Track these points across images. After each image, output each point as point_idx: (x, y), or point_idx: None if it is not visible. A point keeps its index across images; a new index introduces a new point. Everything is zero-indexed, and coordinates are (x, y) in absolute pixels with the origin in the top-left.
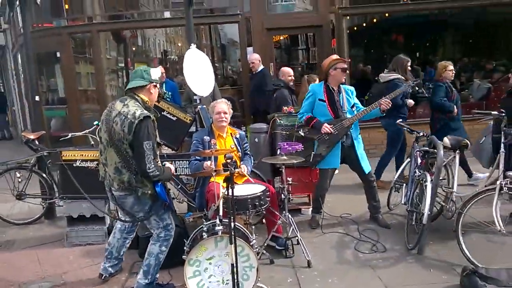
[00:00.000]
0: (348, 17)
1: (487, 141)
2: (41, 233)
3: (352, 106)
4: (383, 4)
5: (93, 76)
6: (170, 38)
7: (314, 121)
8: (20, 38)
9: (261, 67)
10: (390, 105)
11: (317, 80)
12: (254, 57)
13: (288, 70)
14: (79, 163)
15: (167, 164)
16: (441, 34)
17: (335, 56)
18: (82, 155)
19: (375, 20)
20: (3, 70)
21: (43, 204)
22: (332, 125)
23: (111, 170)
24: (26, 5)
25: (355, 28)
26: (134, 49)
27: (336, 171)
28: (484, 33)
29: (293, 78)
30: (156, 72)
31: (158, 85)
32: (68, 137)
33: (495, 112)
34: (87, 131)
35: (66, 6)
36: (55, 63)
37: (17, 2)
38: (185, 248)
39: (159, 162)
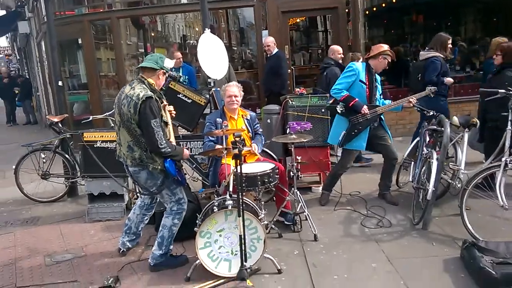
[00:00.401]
0: None
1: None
2: (64, 210)
3: (381, 94)
4: None
5: (114, 61)
6: (189, 23)
7: (355, 101)
8: (43, 26)
9: (276, 50)
10: (411, 105)
11: (361, 58)
12: (269, 40)
13: (337, 48)
14: (100, 144)
15: (184, 149)
16: (462, 12)
17: (386, 47)
18: (102, 136)
19: (394, 1)
20: (28, 58)
21: (66, 183)
22: (369, 109)
23: (125, 149)
24: None
25: (374, 9)
26: (153, 34)
27: None
28: (507, 11)
29: (343, 55)
30: (170, 62)
31: (166, 74)
32: (89, 119)
33: (503, 90)
34: (107, 113)
35: None
36: (77, 49)
37: None
38: (197, 221)
39: (172, 140)
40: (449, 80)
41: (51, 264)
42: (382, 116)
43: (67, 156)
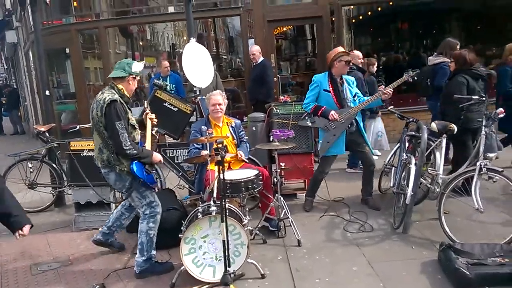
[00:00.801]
0: (348, 7)
1: None
2: (51, 219)
3: (354, 96)
4: None
5: (101, 71)
6: (178, 31)
7: (323, 109)
8: (31, 35)
9: (261, 58)
10: (391, 95)
11: (376, 63)
12: (254, 49)
13: (357, 53)
14: (86, 153)
15: (155, 153)
16: (447, 20)
17: (340, 49)
18: (89, 145)
19: (379, 9)
20: (16, 67)
21: (53, 192)
22: (338, 114)
23: (96, 151)
24: (36, 4)
25: (361, 17)
26: (142, 43)
27: None
28: (489, 19)
29: (363, 60)
30: (138, 66)
31: (137, 77)
32: (76, 129)
33: (476, 97)
34: None
35: (75, 4)
36: (64, 59)
37: (28, 1)
38: (182, 228)
39: (147, 146)
40: None
41: (37, 273)
42: (360, 122)
43: (54, 165)
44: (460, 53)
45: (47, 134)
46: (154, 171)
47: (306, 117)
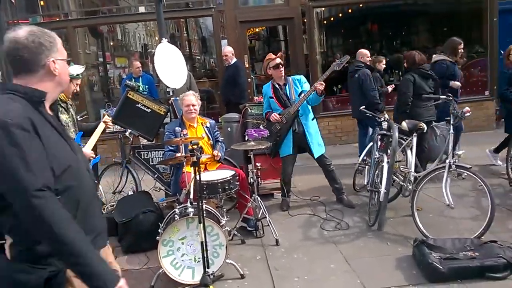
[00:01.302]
0: (319, 9)
1: None
2: None
3: (300, 94)
4: None
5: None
6: (150, 31)
7: (267, 114)
8: None
9: (234, 59)
10: (323, 86)
11: (383, 61)
12: (227, 50)
13: (365, 52)
14: None
15: (84, 148)
16: (415, 22)
17: (267, 56)
18: None
19: (350, 11)
20: None
21: None
22: (281, 115)
23: None
24: (1, 3)
25: (332, 19)
26: (112, 43)
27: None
28: (455, 20)
29: (371, 59)
30: (75, 69)
31: (76, 80)
32: None
33: (443, 96)
34: None
35: (42, 3)
36: None
37: None
38: (159, 230)
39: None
40: (454, 83)
41: None
42: (306, 124)
43: None
44: (410, 53)
45: None
46: None
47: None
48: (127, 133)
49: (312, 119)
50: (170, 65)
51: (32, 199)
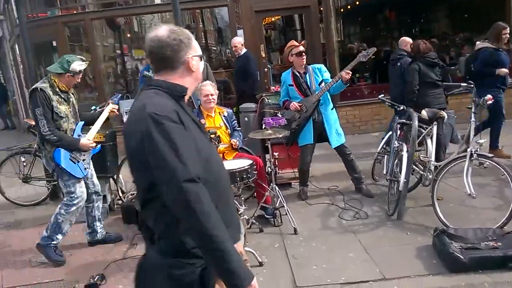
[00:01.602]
0: None
1: None
2: (48, 213)
3: (320, 83)
4: None
5: (90, 64)
6: (166, 23)
7: (287, 102)
8: (16, 29)
9: (244, 50)
10: (350, 75)
11: (410, 42)
12: (236, 41)
13: (408, 40)
14: None
15: (85, 138)
16: (435, 9)
17: (290, 43)
18: None
19: None
20: (2, 61)
21: (48, 186)
22: (301, 104)
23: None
24: None
25: (349, 7)
26: (129, 35)
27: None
28: (476, 7)
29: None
30: (78, 65)
31: (78, 75)
32: None
33: (464, 84)
34: None
35: None
36: (52, 52)
37: None
38: None
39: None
40: (502, 70)
41: (36, 265)
42: (325, 113)
43: None
44: (415, 42)
45: None
46: (84, 161)
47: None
48: None
49: (332, 109)
50: None
51: (185, 190)
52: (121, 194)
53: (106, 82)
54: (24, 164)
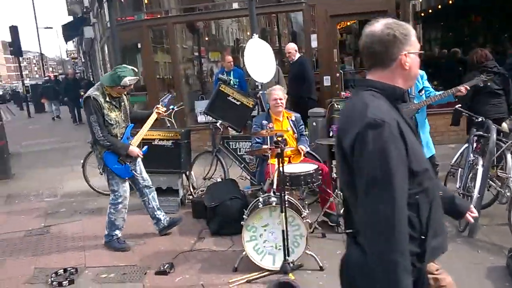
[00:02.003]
0: (416, 1)
1: None
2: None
3: (420, 90)
4: None
5: (170, 65)
6: (243, 26)
7: None
8: (107, 31)
9: (298, 55)
10: (464, 93)
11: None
12: (290, 47)
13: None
14: (157, 142)
15: (134, 146)
16: None
17: None
18: (160, 135)
19: (450, 2)
20: (92, 61)
21: None
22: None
23: None
24: (112, 1)
25: (430, 11)
26: (207, 38)
27: None
28: None
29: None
30: (128, 80)
31: (126, 87)
32: None
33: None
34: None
35: (146, 1)
36: (136, 53)
37: None
38: (244, 216)
39: (134, 142)
40: None
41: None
42: (421, 121)
43: None
44: (473, 52)
45: None
46: (131, 164)
47: None
48: (218, 124)
49: (425, 118)
50: (259, 60)
51: (379, 210)
52: (192, 190)
53: (184, 83)
54: None
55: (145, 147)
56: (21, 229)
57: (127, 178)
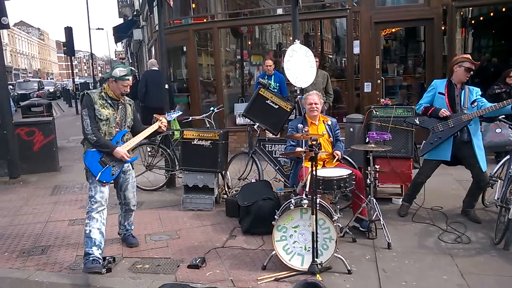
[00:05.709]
0: (465, 8)
1: None
2: (163, 198)
3: (473, 102)
4: None
5: (213, 67)
6: (286, 31)
7: (432, 109)
8: (154, 34)
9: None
10: None
11: None
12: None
13: None
14: (196, 141)
15: (121, 146)
16: None
17: (466, 55)
18: (199, 135)
19: (504, 9)
20: (139, 62)
21: (166, 175)
22: (450, 118)
23: None
24: (162, 5)
25: (481, 18)
26: (250, 42)
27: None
28: None
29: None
30: (119, 70)
31: (120, 81)
32: (189, 120)
33: None
34: (204, 115)
35: (193, 5)
36: (180, 56)
37: (155, 3)
38: (275, 216)
39: (126, 146)
40: None
41: (150, 242)
42: (475, 135)
43: (168, 151)
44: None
45: None
46: (114, 167)
47: (416, 117)
48: (255, 126)
49: (478, 128)
50: (299, 65)
51: None
52: (226, 189)
53: (225, 85)
54: (149, 154)
55: (136, 156)
56: (66, 218)
57: (105, 182)
